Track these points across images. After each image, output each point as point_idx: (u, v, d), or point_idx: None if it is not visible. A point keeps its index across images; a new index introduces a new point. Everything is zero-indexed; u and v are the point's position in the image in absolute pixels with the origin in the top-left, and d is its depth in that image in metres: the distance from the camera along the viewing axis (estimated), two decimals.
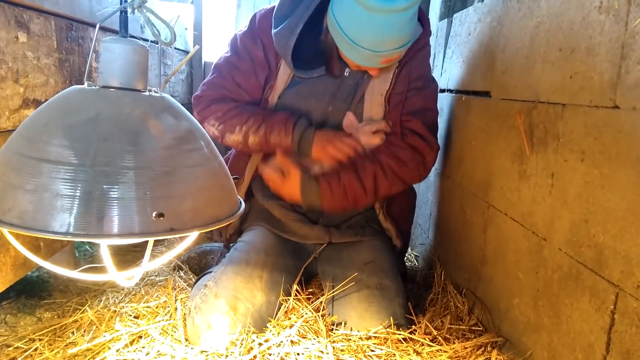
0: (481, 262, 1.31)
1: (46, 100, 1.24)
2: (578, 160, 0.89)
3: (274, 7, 1.38)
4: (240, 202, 0.72)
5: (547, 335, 0.96)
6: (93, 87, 0.63)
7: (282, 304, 1.31)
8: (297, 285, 1.40)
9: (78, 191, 0.55)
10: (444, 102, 1.77)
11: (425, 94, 1.46)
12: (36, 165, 0.56)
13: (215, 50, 2.96)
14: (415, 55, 1.41)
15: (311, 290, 1.48)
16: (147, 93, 0.65)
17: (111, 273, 0.67)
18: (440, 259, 1.64)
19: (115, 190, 0.56)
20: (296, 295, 1.36)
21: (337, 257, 1.46)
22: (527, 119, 1.08)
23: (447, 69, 1.77)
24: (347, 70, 1.40)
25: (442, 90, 1.80)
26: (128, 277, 0.71)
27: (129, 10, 0.65)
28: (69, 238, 0.54)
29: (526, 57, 1.11)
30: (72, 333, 1.23)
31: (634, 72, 0.75)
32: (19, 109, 1.13)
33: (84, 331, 1.24)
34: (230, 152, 1.61)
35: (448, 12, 1.90)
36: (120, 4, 0.66)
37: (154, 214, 0.56)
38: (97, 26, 0.65)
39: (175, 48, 2.57)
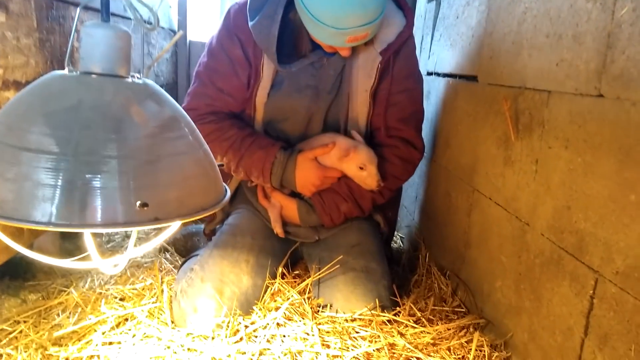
0: (465, 245, 1.33)
1: (27, 82, 1.21)
2: (562, 148, 0.90)
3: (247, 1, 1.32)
4: (226, 190, 0.72)
5: (527, 318, 0.99)
6: (74, 73, 0.62)
7: (268, 287, 1.32)
8: (284, 267, 1.41)
9: (60, 180, 0.54)
10: (431, 85, 1.76)
11: (416, 96, 1.44)
12: (16, 154, 0.55)
13: (200, 29, 2.90)
14: (401, 50, 1.37)
15: (297, 272, 1.49)
16: (129, 79, 0.64)
17: (95, 261, 0.67)
18: (425, 241, 1.66)
19: (98, 179, 0.55)
20: (282, 277, 1.37)
21: (324, 240, 1.46)
22: (513, 105, 1.09)
23: (435, 52, 1.77)
24: (325, 59, 1.35)
25: (430, 73, 1.80)
26: (113, 265, 0.70)
27: None
28: (51, 228, 0.54)
29: (513, 43, 1.11)
30: (58, 315, 1.22)
31: (619, 62, 0.76)
32: None
33: (70, 313, 1.24)
34: None
35: None
36: None
37: (137, 204, 0.56)
38: (78, 9, 0.63)
39: (160, 27, 2.51)
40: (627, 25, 0.74)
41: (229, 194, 0.71)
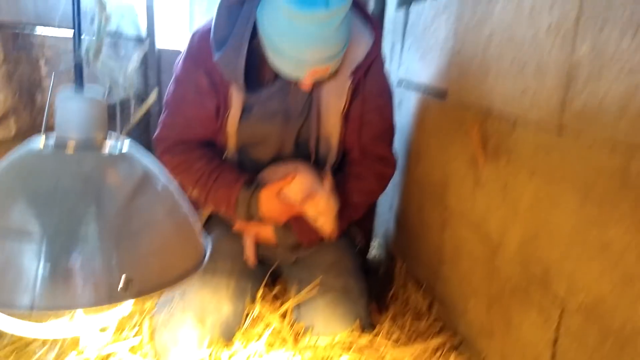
0: (439, 261, 1.35)
1: None
2: (528, 176, 0.91)
3: (211, 25, 1.28)
4: (206, 247, 0.71)
5: (499, 340, 1.01)
6: (50, 148, 0.60)
7: (249, 312, 1.32)
8: (263, 288, 1.41)
9: (42, 263, 0.53)
10: (402, 95, 1.77)
11: (387, 113, 1.44)
12: None
13: (169, 36, 2.84)
14: (370, 69, 1.35)
15: (277, 291, 1.49)
16: (106, 147, 0.63)
17: (83, 332, 0.66)
18: (401, 252, 1.68)
19: (80, 259, 0.54)
20: (262, 298, 1.37)
21: (302, 261, 1.47)
22: (482, 128, 1.10)
23: (405, 62, 1.77)
24: (293, 83, 1.31)
25: (401, 82, 1.81)
26: (102, 329, 0.69)
27: (84, 63, 0.62)
28: (35, 312, 0.53)
29: (480, 65, 1.12)
30: (36, 351, 1.20)
31: (580, 99, 0.77)
32: None
33: (48, 348, 1.22)
34: None
35: (405, 1, 1.88)
36: (74, 54, 0.62)
37: (121, 282, 0.55)
38: (52, 78, 0.61)
39: (128, 39, 2.46)
40: (587, 63, 0.76)
41: (209, 251, 0.70)
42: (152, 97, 0.75)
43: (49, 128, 0.63)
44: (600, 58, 0.73)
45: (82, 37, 0.65)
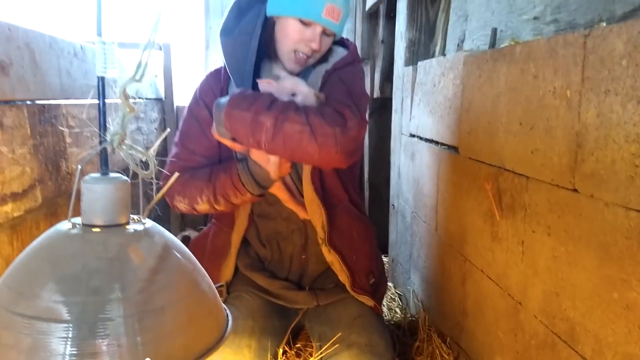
0: (462, 314, 1.35)
1: (23, 190, 1.24)
2: (545, 234, 0.94)
3: (216, 70, 1.47)
4: (227, 317, 0.74)
5: None
6: (77, 231, 0.65)
7: None
8: (285, 345, 1.42)
9: (69, 347, 0.56)
10: (415, 147, 1.82)
11: (350, 83, 1.39)
12: (28, 324, 0.57)
13: (186, 94, 2.96)
14: (344, 69, 1.41)
15: (299, 345, 1.50)
16: (130, 228, 0.67)
17: None
18: (424, 303, 1.68)
19: (106, 342, 0.57)
20: (285, 354, 1.38)
21: (325, 314, 1.48)
22: (495, 184, 1.13)
23: (416, 116, 1.83)
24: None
25: (413, 135, 1.86)
26: None
27: (109, 149, 0.68)
28: None
29: (489, 123, 1.17)
30: None
31: (589, 162, 0.81)
32: None
33: None
34: (209, 227, 1.62)
35: (412, 58, 1.96)
36: (100, 142, 0.68)
37: None
38: (79, 169, 0.66)
39: (146, 98, 2.57)
40: (593, 128, 0.80)
41: (230, 323, 0.73)
42: (174, 177, 0.80)
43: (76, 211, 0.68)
44: (605, 125, 0.77)
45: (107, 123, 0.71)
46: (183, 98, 2.92)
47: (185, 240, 1.93)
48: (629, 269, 0.72)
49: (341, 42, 1.51)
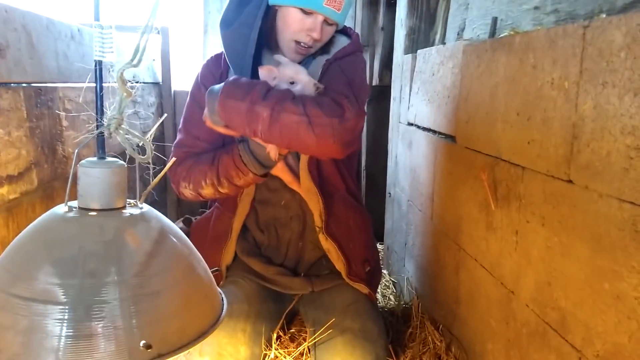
0: (455, 302, 1.37)
1: (19, 173, 1.24)
2: (539, 224, 0.95)
3: (216, 55, 1.48)
4: (222, 300, 0.75)
5: None
6: (73, 214, 0.65)
7: (266, 355, 1.34)
8: (279, 330, 1.43)
9: (65, 328, 0.57)
10: (412, 136, 1.82)
11: (351, 72, 1.37)
12: (25, 305, 0.58)
13: (184, 79, 2.95)
14: (344, 59, 1.40)
15: (293, 330, 1.52)
16: (127, 212, 0.68)
17: None
18: (417, 291, 1.70)
19: (102, 325, 0.58)
20: (279, 339, 1.40)
21: (319, 299, 1.49)
22: (491, 174, 1.14)
23: (414, 104, 1.83)
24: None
25: (411, 124, 1.86)
26: None
27: (106, 133, 0.68)
28: None
29: (487, 113, 1.17)
30: None
31: (585, 153, 0.81)
32: None
33: None
34: (211, 210, 1.62)
35: (412, 46, 1.95)
36: (97, 126, 0.68)
37: (141, 345, 0.59)
38: (76, 152, 0.66)
39: (144, 82, 2.56)
40: (590, 120, 0.80)
41: (225, 307, 0.74)
42: (171, 162, 0.81)
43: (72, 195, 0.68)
44: (602, 117, 0.77)
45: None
46: (181, 82, 2.90)
47: (187, 222, 1.94)
48: (620, 260, 0.73)
49: (344, 31, 1.49)
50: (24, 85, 1.27)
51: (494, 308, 1.14)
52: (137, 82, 2.43)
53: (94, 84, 0.71)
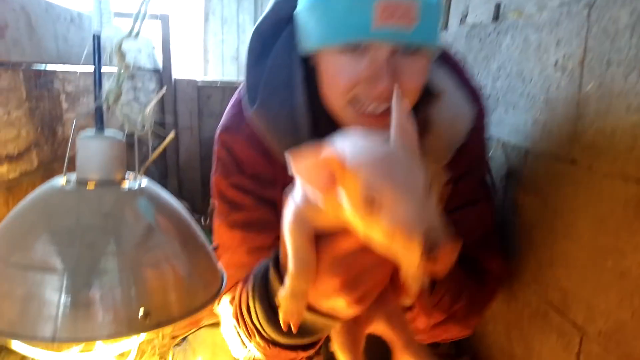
0: None
1: (19, 153, 1.24)
2: (542, 205, 0.94)
3: (229, 114, 0.93)
4: (222, 274, 0.75)
5: None
6: (71, 186, 0.65)
7: None
8: None
9: (63, 296, 0.56)
10: None
11: (486, 211, 0.95)
12: (22, 274, 0.57)
13: (184, 66, 2.93)
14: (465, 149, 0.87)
15: None
16: (125, 185, 0.67)
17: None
18: None
19: (100, 293, 0.57)
20: None
21: None
22: (494, 153, 1.13)
23: None
24: None
25: None
26: (120, 355, 0.73)
27: (105, 106, 0.67)
28: (57, 342, 0.56)
29: (489, 96, 1.16)
30: None
31: (589, 133, 0.80)
32: None
33: None
34: None
35: None
36: (95, 100, 0.67)
37: (140, 313, 0.58)
38: (74, 122, 0.66)
39: (145, 69, 2.54)
40: (594, 100, 0.79)
41: (225, 281, 0.74)
42: (170, 137, 0.80)
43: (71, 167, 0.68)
44: (607, 95, 0.76)
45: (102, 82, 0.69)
46: (181, 70, 2.89)
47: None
48: (624, 238, 0.73)
49: (445, 59, 0.91)
50: (23, 66, 1.26)
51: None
52: (138, 69, 2.42)
53: (94, 67, 0.70)
